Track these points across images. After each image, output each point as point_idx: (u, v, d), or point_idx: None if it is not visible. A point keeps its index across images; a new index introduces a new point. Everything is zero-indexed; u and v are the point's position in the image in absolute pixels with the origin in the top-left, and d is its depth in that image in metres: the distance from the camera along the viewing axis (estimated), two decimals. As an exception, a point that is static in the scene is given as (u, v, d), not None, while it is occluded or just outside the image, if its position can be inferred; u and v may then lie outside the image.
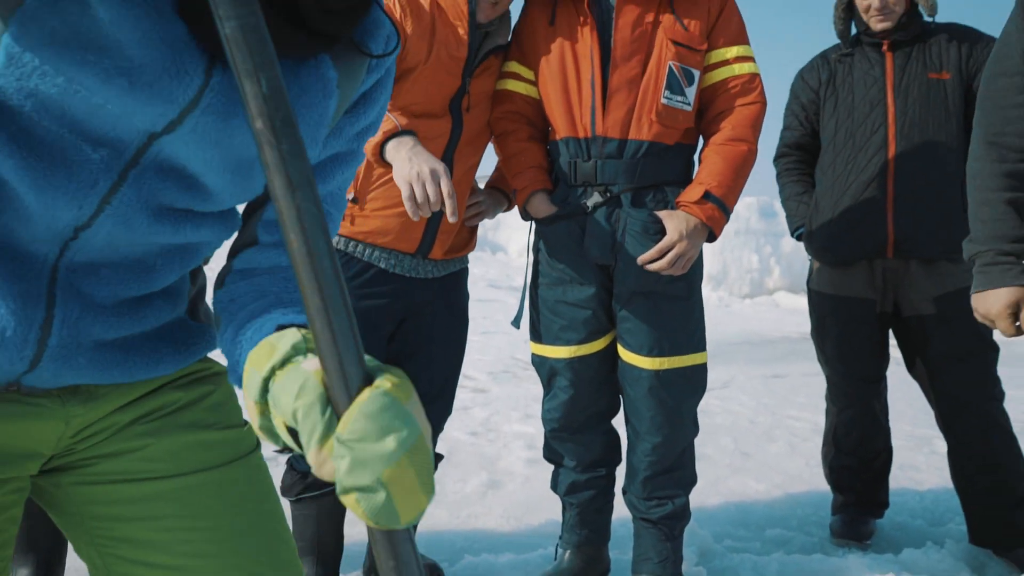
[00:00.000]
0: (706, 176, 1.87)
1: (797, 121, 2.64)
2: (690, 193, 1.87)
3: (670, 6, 1.86)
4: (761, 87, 1.92)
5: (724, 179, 1.85)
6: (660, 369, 1.90)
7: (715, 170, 1.86)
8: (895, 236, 2.38)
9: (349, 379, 0.58)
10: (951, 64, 2.39)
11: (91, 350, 0.79)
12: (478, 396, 4.43)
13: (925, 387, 2.50)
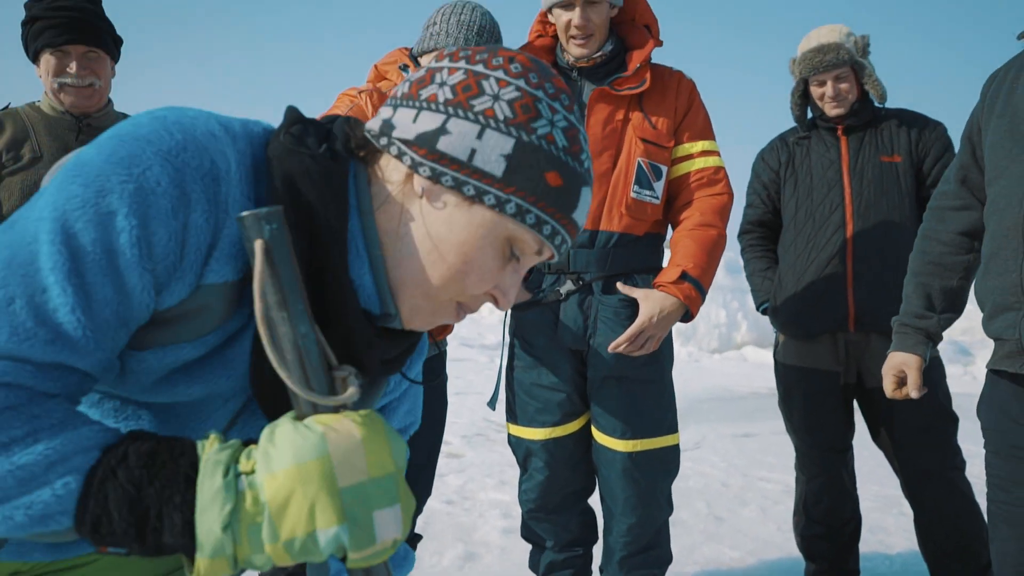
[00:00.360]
0: (681, 258, 1.94)
1: (759, 199, 2.76)
2: (667, 274, 1.94)
3: (639, 105, 1.97)
4: (727, 179, 2.03)
5: (699, 260, 1.93)
6: (633, 451, 1.96)
7: (689, 252, 1.94)
8: (856, 311, 2.48)
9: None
10: (901, 148, 2.53)
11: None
12: (452, 462, 4.42)
13: (890, 456, 2.57)
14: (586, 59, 1.99)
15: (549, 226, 0.77)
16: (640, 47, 1.99)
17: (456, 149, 0.74)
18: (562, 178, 0.76)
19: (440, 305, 0.79)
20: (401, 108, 0.78)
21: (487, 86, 0.76)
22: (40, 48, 2.10)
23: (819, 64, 2.50)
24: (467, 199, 0.75)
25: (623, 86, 1.96)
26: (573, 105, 0.81)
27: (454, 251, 0.76)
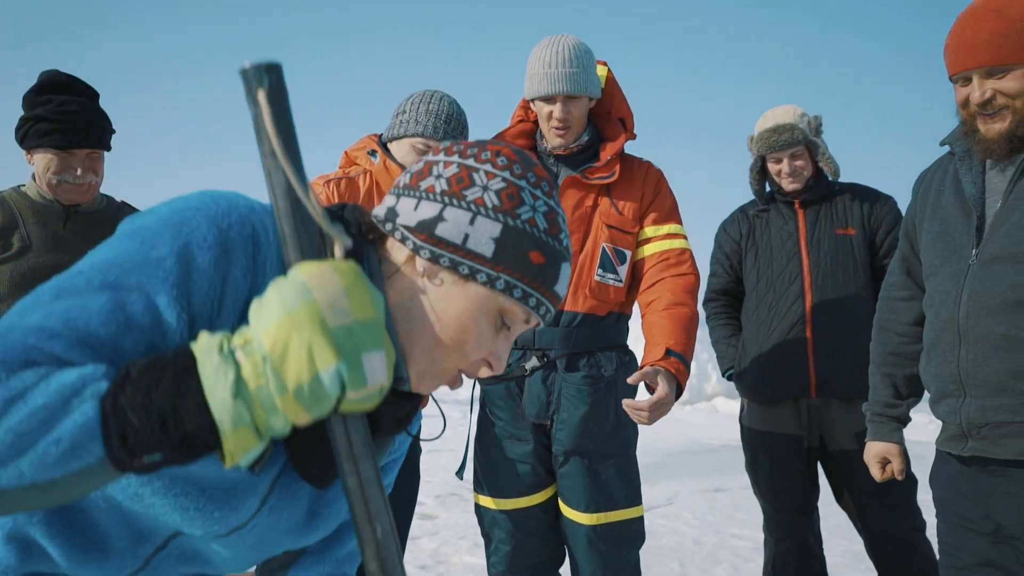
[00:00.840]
0: (662, 336, 2.00)
1: (722, 268, 2.87)
2: (653, 353, 1.99)
3: (607, 192, 2.07)
4: (693, 261, 2.13)
5: (679, 337, 2.00)
6: (597, 524, 2.01)
7: (667, 330, 2.00)
8: (816, 377, 2.57)
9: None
10: (855, 221, 2.66)
11: None
12: (426, 524, 4.41)
13: (853, 517, 2.65)
14: (563, 148, 2.09)
15: (534, 298, 0.87)
16: (614, 139, 2.11)
17: (452, 234, 0.84)
18: (544, 256, 0.87)
19: (443, 371, 0.88)
20: (403, 197, 0.88)
21: (477, 178, 0.87)
22: (41, 145, 2.10)
23: (775, 143, 2.63)
24: (462, 277, 0.85)
25: (594, 175, 2.06)
26: (553, 191, 0.92)
27: (453, 323, 0.85)
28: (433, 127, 2.02)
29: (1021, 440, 1.52)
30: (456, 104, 2.10)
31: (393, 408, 0.87)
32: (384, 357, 0.70)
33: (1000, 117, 1.55)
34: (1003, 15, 1.53)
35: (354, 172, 2.08)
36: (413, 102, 2.08)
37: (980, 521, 1.61)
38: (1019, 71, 1.52)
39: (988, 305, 1.54)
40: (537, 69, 2.04)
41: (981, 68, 1.54)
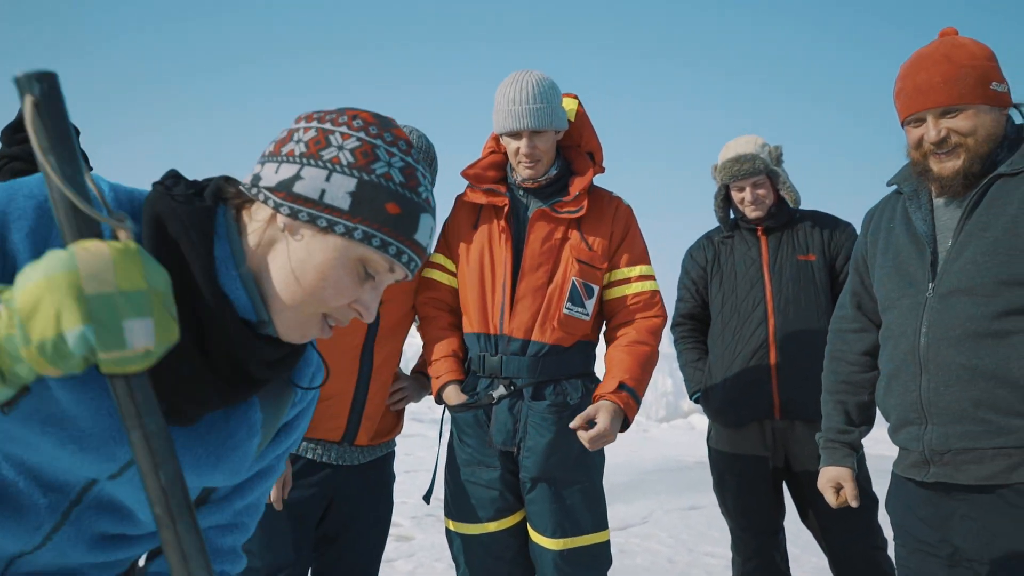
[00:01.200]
0: (617, 371, 2.07)
1: (689, 294, 2.94)
2: (606, 385, 2.06)
3: (578, 226, 2.13)
4: (662, 303, 2.19)
5: (634, 372, 2.07)
6: (564, 549, 2.05)
7: (624, 365, 2.08)
8: (780, 399, 2.64)
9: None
10: (816, 247, 2.74)
11: None
12: (402, 546, 4.42)
13: (817, 537, 2.71)
14: (532, 181, 2.15)
15: (394, 247, 0.93)
16: (582, 173, 2.17)
17: (309, 191, 0.91)
18: (400, 207, 0.93)
19: (307, 317, 0.95)
20: (267, 163, 0.95)
21: (333, 139, 0.93)
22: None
23: (737, 172, 2.71)
24: (321, 230, 0.92)
25: (563, 209, 2.12)
26: (411, 150, 0.98)
27: (313, 272, 0.92)
28: None
29: (981, 466, 1.58)
30: (424, 138, 2.15)
31: (257, 351, 0.93)
32: (151, 323, 0.74)
33: (955, 155, 1.63)
34: (953, 60, 1.63)
35: None
36: None
37: (937, 545, 1.67)
38: (970, 111, 1.62)
39: (948, 336, 1.61)
40: (503, 106, 2.09)
41: (936, 108, 1.63)
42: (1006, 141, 1.65)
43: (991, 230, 1.59)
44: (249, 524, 1.12)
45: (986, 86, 1.61)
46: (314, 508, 2.02)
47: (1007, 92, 1.65)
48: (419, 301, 2.22)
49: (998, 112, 1.64)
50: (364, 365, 2.04)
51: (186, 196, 0.93)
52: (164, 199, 0.91)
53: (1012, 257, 1.55)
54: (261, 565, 1.95)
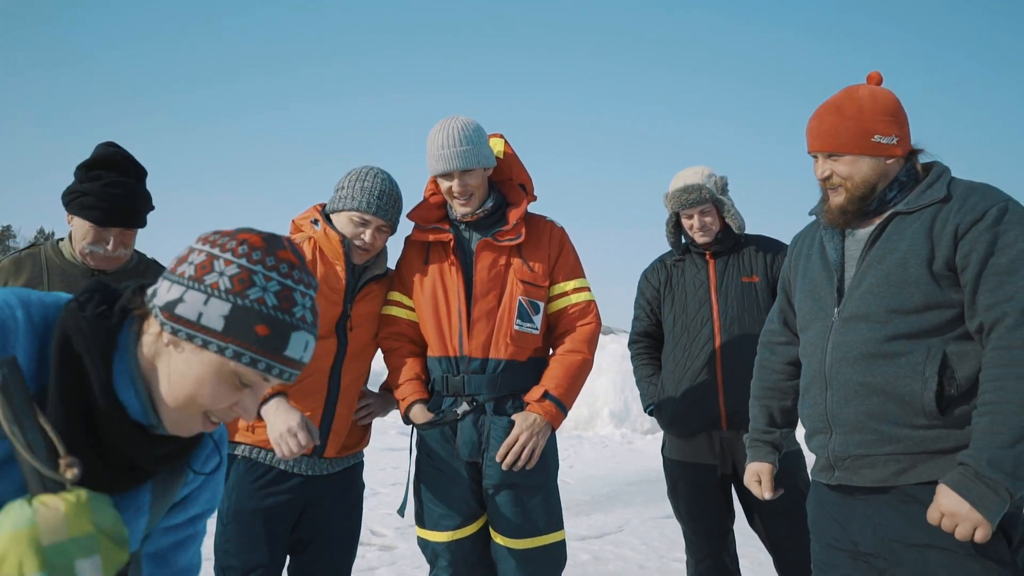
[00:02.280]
0: (547, 380, 2.31)
1: (644, 313, 3.16)
2: (533, 394, 2.30)
3: (519, 252, 2.36)
4: (596, 311, 2.42)
5: (561, 382, 2.30)
6: (525, 548, 2.26)
7: (554, 375, 2.31)
8: (726, 411, 2.85)
9: None
10: (759, 269, 2.97)
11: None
12: (384, 555, 4.61)
13: (762, 537, 2.93)
14: (470, 215, 2.37)
15: (263, 363, 1.09)
16: (517, 204, 2.39)
17: (188, 313, 1.07)
18: (269, 329, 1.08)
19: (189, 417, 1.12)
20: (165, 280, 1.12)
21: (217, 265, 1.09)
22: (81, 216, 2.23)
23: (685, 201, 2.93)
24: (198, 347, 1.08)
25: (503, 238, 2.34)
26: (294, 271, 1.12)
27: (191, 382, 1.09)
28: (367, 203, 2.29)
29: (875, 470, 1.78)
30: (389, 180, 2.36)
31: (145, 449, 1.13)
32: (98, 560, 0.99)
33: (837, 192, 1.85)
34: (841, 112, 1.84)
35: (299, 239, 2.34)
36: (350, 179, 2.35)
37: (843, 540, 1.87)
38: (848, 158, 1.83)
39: (847, 357, 1.79)
40: (433, 151, 2.31)
41: (822, 152, 1.86)
42: (896, 183, 1.84)
43: (885, 263, 1.78)
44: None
45: (866, 139, 1.81)
46: (288, 514, 2.23)
47: (895, 143, 1.82)
48: (381, 336, 2.43)
49: (880, 160, 1.82)
50: (332, 386, 2.26)
51: (94, 315, 1.10)
52: (72, 318, 1.09)
53: (901, 288, 1.74)
54: (238, 564, 2.17)
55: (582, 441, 10.00)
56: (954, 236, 1.71)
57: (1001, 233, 1.67)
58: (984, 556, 1.64)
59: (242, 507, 2.20)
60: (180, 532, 1.31)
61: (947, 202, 1.76)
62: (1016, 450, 1.57)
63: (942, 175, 1.83)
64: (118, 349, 1.11)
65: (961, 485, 1.59)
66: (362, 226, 2.30)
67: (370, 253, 2.34)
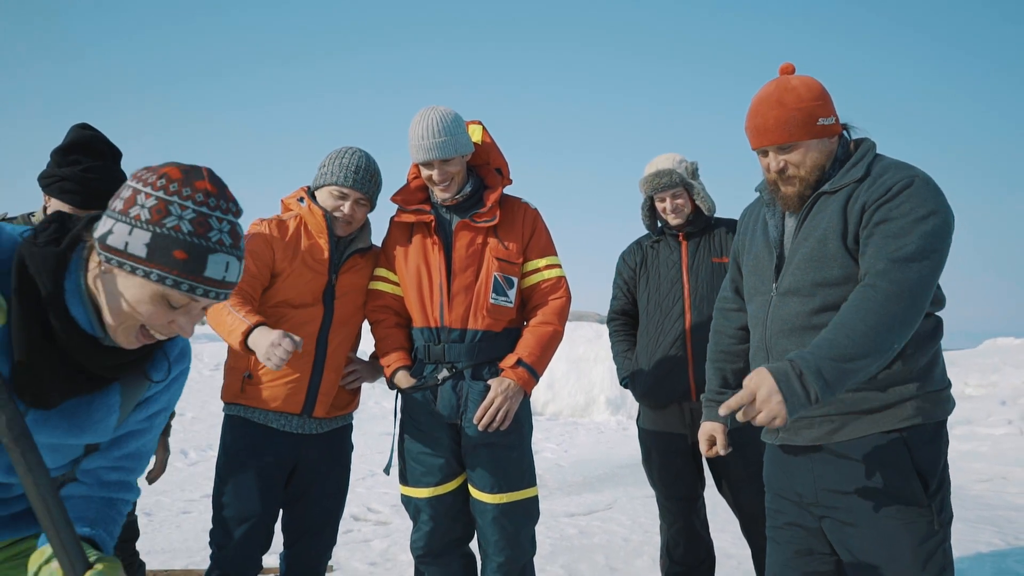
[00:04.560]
0: (520, 348, 2.50)
1: (621, 292, 3.34)
2: (507, 361, 2.49)
3: (495, 232, 2.54)
4: (566, 286, 2.60)
5: (533, 351, 2.48)
6: (501, 502, 2.45)
7: (527, 344, 2.50)
8: (696, 383, 3.02)
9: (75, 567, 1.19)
10: (728, 250, 3.14)
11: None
12: (379, 529, 4.80)
13: (729, 502, 3.10)
14: (449, 200, 2.55)
15: (185, 284, 1.24)
16: (494, 188, 2.57)
17: (116, 242, 1.23)
18: (186, 253, 1.23)
19: (128, 330, 1.28)
20: (104, 216, 1.27)
21: (139, 199, 1.24)
22: (60, 199, 2.32)
23: (658, 185, 3.11)
24: (128, 272, 1.24)
25: (480, 219, 2.53)
26: (209, 199, 1.26)
27: (124, 303, 1.25)
28: (344, 177, 2.49)
29: (811, 430, 1.94)
30: (366, 157, 2.55)
31: (95, 358, 1.31)
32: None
33: (791, 183, 1.95)
34: (783, 104, 1.92)
35: (286, 216, 2.54)
36: (331, 157, 2.55)
37: (788, 491, 2.04)
38: (800, 147, 1.92)
39: (783, 329, 1.94)
40: (414, 141, 2.48)
41: (773, 145, 1.94)
42: (836, 162, 1.96)
43: (809, 240, 1.90)
44: (134, 467, 1.54)
45: (813, 124, 1.91)
46: (280, 470, 2.43)
47: (834, 123, 1.94)
48: (368, 309, 2.62)
49: (827, 141, 1.94)
50: (319, 350, 2.46)
51: (45, 241, 1.27)
52: (27, 246, 1.26)
53: (823, 263, 1.87)
54: (234, 515, 2.37)
55: (578, 427, 10.20)
56: (861, 212, 1.83)
57: (898, 204, 1.79)
58: (901, 500, 1.82)
59: (237, 464, 2.39)
60: (138, 424, 1.52)
61: (863, 181, 1.88)
62: (842, 367, 1.67)
63: (866, 154, 1.94)
64: (68, 271, 1.28)
65: (782, 378, 1.68)
66: (341, 199, 2.49)
67: (351, 225, 2.53)
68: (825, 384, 1.68)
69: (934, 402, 1.87)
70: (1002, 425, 8.64)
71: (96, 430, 1.40)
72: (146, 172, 1.29)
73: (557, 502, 5.73)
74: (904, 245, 1.76)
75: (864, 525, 1.85)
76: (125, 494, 1.53)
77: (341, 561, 4.03)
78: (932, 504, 1.82)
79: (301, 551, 2.51)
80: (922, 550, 1.81)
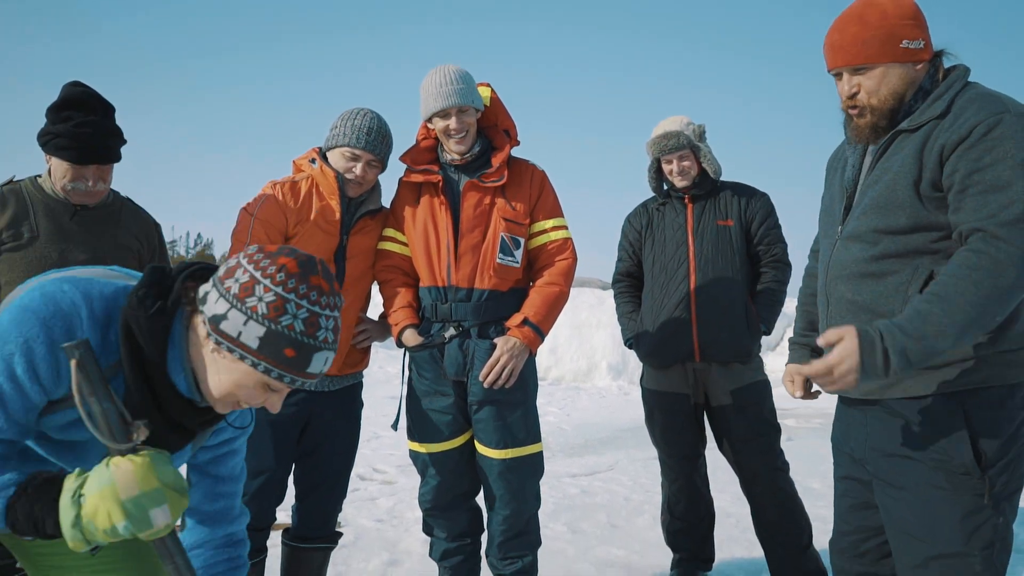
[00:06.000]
0: (527, 308, 2.54)
1: (627, 254, 3.36)
2: (513, 319, 2.53)
3: (502, 193, 2.56)
4: (572, 247, 2.63)
5: (540, 310, 2.52)
6: (506, 458, 2.50)
7: (533, 304, 2.54)
8: (699, 344, 3.06)
9: None
10: (733, 213, 3.15)
11: None
12: (385, 488, 4.89)
13: (730, 461, 3.16)
14: (462, 156, 2.56)
15: (288, 378, 1.31)
16: (501, 149, 2.59)
17: (230, 329, 1.28)
18: (295, 351, 1.29)
19: (227, 405, 1.37)
20: (214, 289, 1.31)
21: (257, 289, 1.28)
22: (58, 156, 2.37)
23: (665, 147, 3.11)
24: (236, 358, 1.30)
25: (488, 179, 2.54)
26: (322, 298, 1.31)
27: (228, 383, 1.32)
28: (356, 138, 2.51)
29: (865, 383, 1.72)
30: (377, 118, 2.56)
31: (194, 416, 1.40)
32: (167, 508, 1.25)
33: (863, 113, 1.77)
34: (864, 21, 1.74)
35: (298, 177, 2.56)
36: (343, 118, 2.56)
37: (844, 444, 1.96)
38: (878, 69, 1.74)
39: (841, 275, 1.82)
40: (431, 90, 2.50)
41: (848, 66, 1.76)
42: (920, 92, 1.75)
43: (879, 184, 1.74)
44: (229, 493, 1.62)
45: (895, 45, 1.71)
46: (293, 425, 2.48)
47: (922, 47, 1.74)
48: (377, 268, 2.65)
49: (910, 67, 1.74)
50: None
51: (155, 310, 1.31)
52: (133, 314, 1.30)
53: (890, 210, 1.72)
54: (249, 468, 2.41)
55: (580, 392, 10.30)
56: (940, 156, 1.65)
57: (987, 150, 1.59)
58: (949, 468, 1.66)
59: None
60: (215, 451, 1.60)
61: (943, 118, 1.68)
62: (928, 347, 1.55)
63: (952, 85, 1.73)
64: (171, 340, 1.34)
65: (866, 346, 1.57)
66: (353, 160, 2.51)
67: (363, 187, 2.55)
68: (907, 363, 1.55)
69: (1007, 363, 1.67)
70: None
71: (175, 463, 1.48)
72: (264, 258, 1.32)
73: (560, 464, 5.81)
74: (1011, 202, 1.55)
75: (908, 489, 1.72)
76: (232, 526, 1.62)
77: (349, 518, 4.12)
78: (987, 476, 1.64)
79: (313, 505, 2.58)
80: (967, 523, 1.65)
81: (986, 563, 1.66)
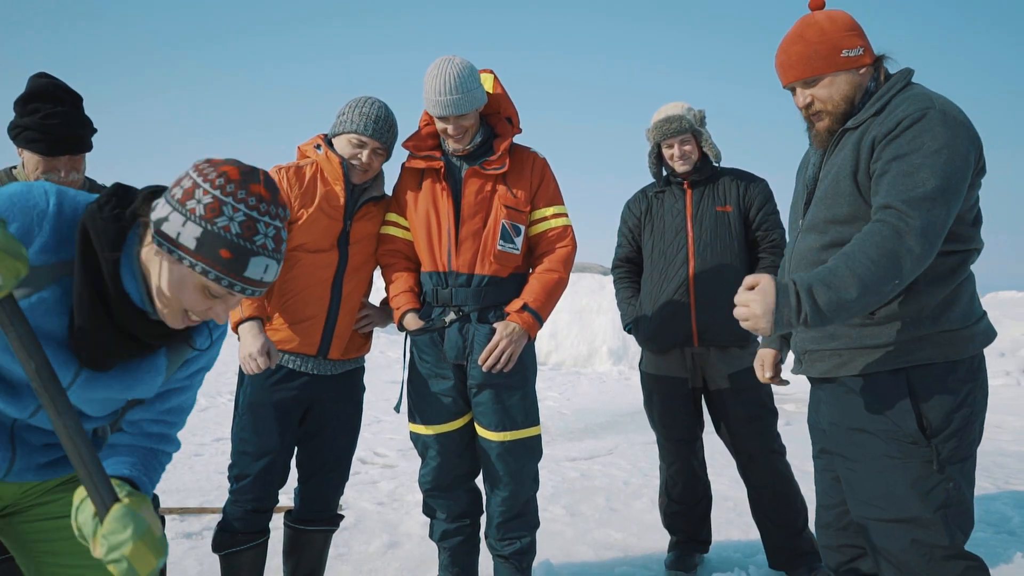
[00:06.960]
0: (526, 294, 2.56)
1: (626, 240, 3.38)
2: (513, 305, 2.55)
3: (503, 180, 2.58)
4: (572, 235, 2.65)
5: (539, 296, 2.54)
6: (505, 440, 2.54)
7: (533, 290, 2.56)
8: (698, 329, 3.09)
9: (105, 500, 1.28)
10: (732, 199, 3.17)
11: (36, 468, 1.53)
12: (386, 471, 4.93)
13: (727, 444, 3.20)
14: (462, 150, 2.58)
15: (225, 280, 1.32)
16: (504, 136, 2.60)
17: (170, 230, 1.31)
18: (231, 253, 1.30)
19: (172, 312, 1.36)
20: (162, 200, 1.34)
21: (198, 193, 1.31)
22: (29, 149, 2.36)
23: (666, 131, 3.12)
24: (176, 260, 1.32)
25: (490, 167, 2.56)
26: (261, 204, 1.33)
27: (169, 287, 1.34)
28: (364, 126, 2.52)
29: (822, 363, 1.94)
30: (384, 107, 2.58)
31: (145, 329, 1.40)
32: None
33: (820, 118, 1.94)
34: (804, 39, 1.92)
35: (303, 163, 2.58)
36: (350, 106, 2.57)
37: (814, 420, 2.08)
38: (825, 79, 1.91)
39: (799, 264, 1.96)
40: (430, 96, 2.50)
41: (799, 80, 1.94)
42: (866, 94, 1.92)
43: (827, 178, 1.91)
44: (175, 421, 1.63)
45: (836, 55, 1.89)
46: (296, 408, 2.51)
47: (862, 53, 1.91)
48: (379, 252, 2.68)
49: (853, 72, 1.91)
50: (334, 294, 2.52)
51: (111, 215, 1.34)
52: (91, 217, 1.33)
53: (835, 201, 1.88)
54: (252, 450, 2.46)
55: (580, 377, 10.33)
56: (871, 147, 1.80)
57: (908, 140, 1.74)
58: (900, 439, 1.81)
59: (256, 401, 2.47)
60: (180, 382, 1.61)
61: (879, 114, 1.84)
62: (835, 297, 1.65)
63: (893, 86, 1.89)
64: (125, 248, 1.36)
65: (781, 294, 1.67)
66: (359, 147, 2.53)
67: (368, 174, 2.57)
68: (817, 309, 1.66)
69: (948, 342, 1.81)
70: (1000, 376, 8.76)
71: (142, 389, 1.50)
72: (208, 166, 1.35)
73: (559, 447, 5.85)
74: (917, 184, 1.71)
75: (863, 461, 1.86)
76: (166, 446, 1.61)
77: (350, 501, 4.16)
78: (933, 444, 1.79)
79: (315, 487, 2.61)
80: (919, 487, 1.79)
81: (943, 523, 1.79)
